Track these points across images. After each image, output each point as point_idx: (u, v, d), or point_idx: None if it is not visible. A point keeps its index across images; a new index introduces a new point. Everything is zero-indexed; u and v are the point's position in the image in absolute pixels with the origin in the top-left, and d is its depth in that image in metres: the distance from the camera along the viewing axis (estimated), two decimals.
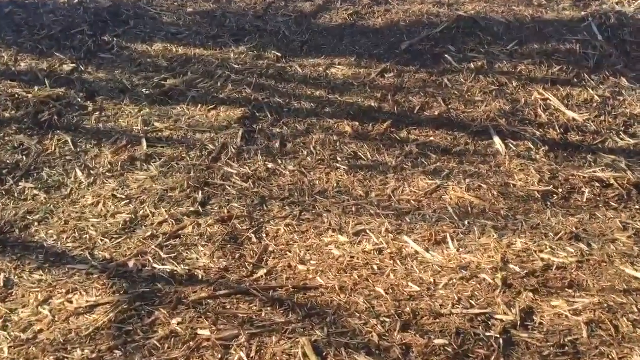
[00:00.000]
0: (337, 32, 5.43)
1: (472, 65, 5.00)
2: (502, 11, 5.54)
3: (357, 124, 4.42)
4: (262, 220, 3.51)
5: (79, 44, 5.17)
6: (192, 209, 3.58)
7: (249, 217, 3.52)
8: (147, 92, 4.71)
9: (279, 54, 5.14)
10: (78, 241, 3.36)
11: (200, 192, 3.71)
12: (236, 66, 4.98)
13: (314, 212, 3.58)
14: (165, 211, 3.57)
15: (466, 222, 3.48)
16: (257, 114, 4.49)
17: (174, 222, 3.48)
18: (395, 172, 3.95)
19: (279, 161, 4.03)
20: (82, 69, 4.92)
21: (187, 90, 4.71)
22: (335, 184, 3.82)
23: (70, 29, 5.33)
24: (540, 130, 4.38)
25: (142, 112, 4.50)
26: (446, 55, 5.10)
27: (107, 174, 3.90)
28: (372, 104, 4.62)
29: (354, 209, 3.60)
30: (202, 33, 5.38)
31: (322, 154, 4.11)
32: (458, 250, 3.25)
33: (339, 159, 4.07)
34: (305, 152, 4.12)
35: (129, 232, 3.42)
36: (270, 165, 3.98)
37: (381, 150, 4.17)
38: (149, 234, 3.40)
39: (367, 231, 3.40)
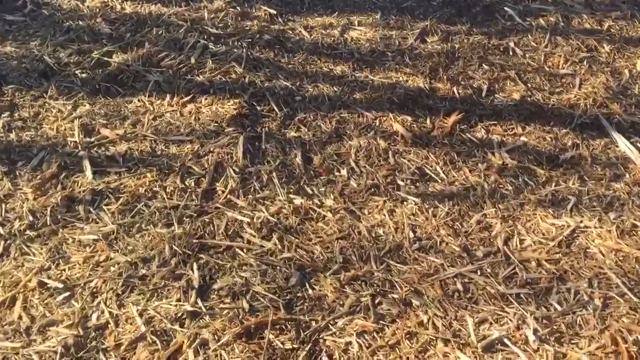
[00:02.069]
0: None
1: (541, 21, 3.41)
2: None
3: (408, 118, 2.80)
4: (313, 322, 1.90)
5: None
6: (186, 306, 1.91)
7: (292, 320, 1.90)
8: (84, 75, 2.92)
9: (272, 11, 3.39)
10: None
11: (195, 264, 2.05)
12: (214, 30, 3.21)
13: (395, 296, 1.99)
14: (138, 314, 1.90)
15: None
16: (259, 108, 2.79)
17: (158, 343, 1.82)
18: (493, 202, 2.38)
19: (309, 190, 2.40)
20: None
21: (145, 71, 2.94)
22: (412, 233, 2.23)
23: None
24: None
25: (78, 111, 2.73)
26: (505, 8, 3.49)
27: (28, 232, 2.17)
28: (421, 85, 3.00)
29: (459, 285, 2.03)
30: None
31: (373, 173, 2.49)
32: None
33: (399, 181, 2.46)
34: (346, 172, 2.49)
35: None
36: (298, 201, 2.34)
37: (457, 162, 2.58)
38: None
39: (505, 341, 1.86)
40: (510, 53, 3.22)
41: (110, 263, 2.04)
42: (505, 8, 3.47)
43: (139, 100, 2.80)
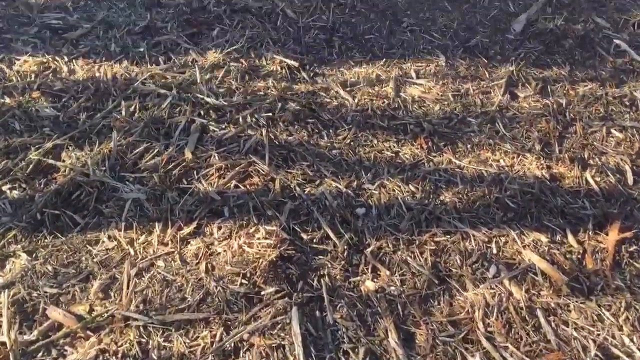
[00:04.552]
0: None
1: None
2: None
3: (540, 237, 1.69)
4: None
5: None
6: None
7: None
8: (17, 193, 1.72)
9: (290, 62, 2.22)
10: None
11: None
12: (213, 100, 2.01)
13: None
14: None
15: None
16: (305, 236, 1.63)
17: None
18: None
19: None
20: None
21: (116, 180, 1.75)
22: None
23: None
24: None
25: (9, 269, 1.53)
26: (612, 40, 2.41)
27: None
28: (537, 172, 1.89)
29: None
30: None
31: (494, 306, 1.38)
32: None
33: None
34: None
35: None
36: None
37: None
38: None
39: None
40: None
41: None
42: (615, 40, 2.38)
43: (109, 238, 1.62)
